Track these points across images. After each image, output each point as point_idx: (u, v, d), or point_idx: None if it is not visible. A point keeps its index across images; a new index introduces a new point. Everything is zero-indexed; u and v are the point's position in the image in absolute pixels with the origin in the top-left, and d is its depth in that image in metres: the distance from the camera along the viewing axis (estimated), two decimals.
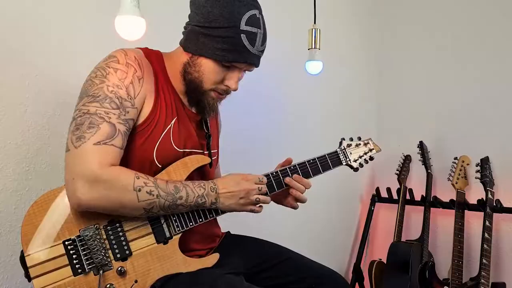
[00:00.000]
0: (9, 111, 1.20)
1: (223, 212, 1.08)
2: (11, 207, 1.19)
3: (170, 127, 1.06)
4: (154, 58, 1.09)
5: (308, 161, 1.20)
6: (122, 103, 0.95)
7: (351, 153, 1.29)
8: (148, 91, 1.02)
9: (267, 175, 1.15)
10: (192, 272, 1.02)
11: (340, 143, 1.30)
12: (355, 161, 1.29)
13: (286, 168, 1.17)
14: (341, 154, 1.27)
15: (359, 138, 1.34)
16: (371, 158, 1.34)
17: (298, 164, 1.19)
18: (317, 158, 1.22)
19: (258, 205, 1.09)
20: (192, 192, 0.99)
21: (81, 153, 0.90)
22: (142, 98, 1.00)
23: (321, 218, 2.24)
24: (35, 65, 1.23)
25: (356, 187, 2.48)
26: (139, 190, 0.92)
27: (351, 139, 1.33)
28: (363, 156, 1.31)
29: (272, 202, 1.22)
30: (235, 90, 1.09)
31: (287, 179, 1.15)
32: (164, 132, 1.05)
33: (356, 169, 1.30)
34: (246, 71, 1.11)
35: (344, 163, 1.28)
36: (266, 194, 1.11)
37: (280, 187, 1.15)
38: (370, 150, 1.33)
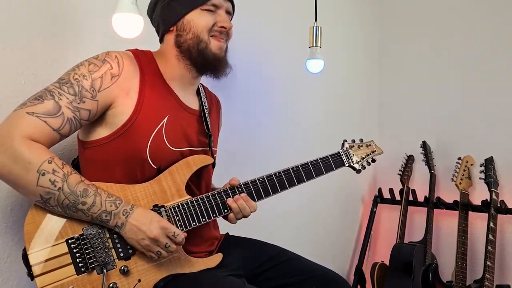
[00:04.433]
0: (5, 110, 1.18)
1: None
2: (7, 207, 1.17)
3: (162, 126, 1.05)
4: (143, 58, 1.09)
5: (311, 161, 1.20)
6: (81, 92, 0.96)
7: (353, 154, 1.29)
8: (124, 90, 1.01)
9: (269, 176, 1.13)
10: (195, 273, 1.03)
11: (343, 145, 1.30)
12: (357, 162, 1.29)
13: (289, 169, 1.16)
14: (344, 156, 1.27)
15: (361, 140, 1.34)
16: (373, 160, 1.34)
17: (301, 165, 1.18)
18: (320, 159, 1.22)
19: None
20: (100, 204, 0.93)
21: (12, 116, 0.92)
22: (110, 94, 0.99)
23: (322, 219, 2.22)
24: (31, 64, 1.22)
25: (358, 187, 2.46)
26: (43, 174, 0.88)
27: (353, 141, 1.33)
28: (365, 158, 1.31)
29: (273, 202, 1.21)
30: (230, 27, 1.11)
31: (229, 201, 1.08)
32: (155, 132, 1.03)
33: (358, 171, 1.30)
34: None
35: (347, 165, 1.28)
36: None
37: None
38: (373, 152, 1.33)
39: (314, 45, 1.66)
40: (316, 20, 1.66)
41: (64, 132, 0.95)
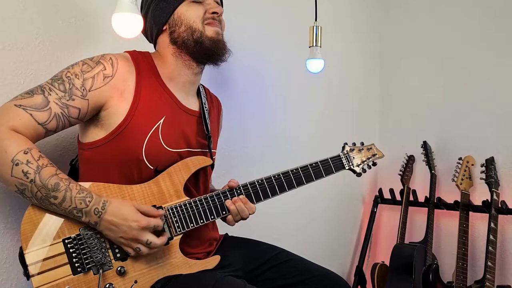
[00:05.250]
0: None
1: None
2: (6, 207, 1.17)
3: (158, 126, 1.05)
4: (141, 59, 1.09)
5: (311, 164, 1.19)
6: (72, 89, 0.97)
7: (354, 157, 1.29)
8: (118, 91, 1.01)
9: (268, 178, 1.13)
10: (193, 274, 1.02)
11: (343, 147, 1.30)
12: (358, 165, 1.29)
13: (288, 171, 1.16)
14: (344, 158, 1.27)
15: (362, 143, 1.34)
16: (374, 164, 1.34)
17: (301, 167, 1.18)
18: (320, 161, 1.21)
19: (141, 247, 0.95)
20: (70, 201, 0.90)
21: (1, 108, 0.93)
22: (102, 94, 0.99)
23: (322, 220, 2.21)
24: (31, 64, 1.22)
25: (358, 188, 2.45)
26: (16, 164, 0.87)
27: (354, 144, 1.32)
28: (366, 161, 1.31)
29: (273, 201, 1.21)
30: (221, 12, 1.11)
31: (228, 203, 1.08)
32: (151, 132, 1.03)
33: (359, 174, 1.29)
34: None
35: (347, 168, 1.27)
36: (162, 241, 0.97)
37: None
38: (373, 155, 1.33)
39: (314, 45, 1.65)
40: (316, 20, 1.65)
41: (50, 127, 0.95)
